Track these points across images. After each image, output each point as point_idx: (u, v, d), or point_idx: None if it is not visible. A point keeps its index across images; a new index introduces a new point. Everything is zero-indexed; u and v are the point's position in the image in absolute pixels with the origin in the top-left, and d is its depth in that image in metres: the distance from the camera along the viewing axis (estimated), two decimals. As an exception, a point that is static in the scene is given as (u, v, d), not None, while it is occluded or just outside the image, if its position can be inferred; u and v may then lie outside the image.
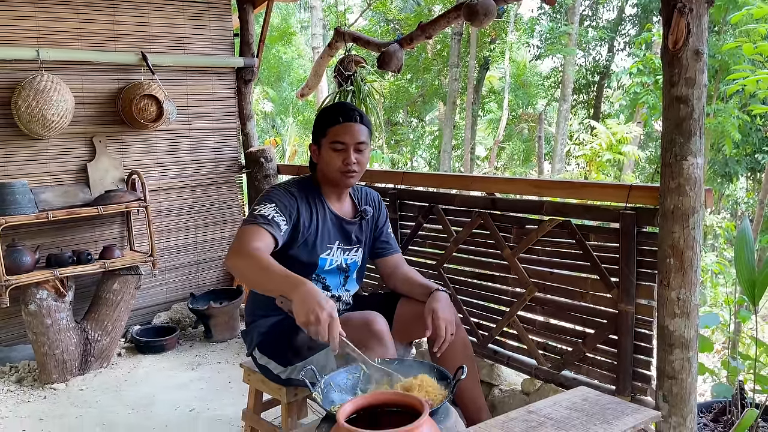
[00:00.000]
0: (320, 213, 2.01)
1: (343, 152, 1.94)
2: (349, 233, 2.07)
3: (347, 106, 2.04)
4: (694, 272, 1.80)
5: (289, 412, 2.12)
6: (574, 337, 2.27)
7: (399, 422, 1.00)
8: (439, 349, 1.85)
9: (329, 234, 2.02)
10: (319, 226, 1.99)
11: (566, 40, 12.87)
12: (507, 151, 17.45)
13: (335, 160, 1.94)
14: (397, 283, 2.13)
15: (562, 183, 2.56)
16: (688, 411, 1.85)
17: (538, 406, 1.43)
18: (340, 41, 3.63)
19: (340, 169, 1.95)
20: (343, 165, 1.94)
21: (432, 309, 1.86)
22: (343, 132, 1.94)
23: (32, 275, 2.92)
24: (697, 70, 1.73)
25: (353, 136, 1.94)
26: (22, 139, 3.20)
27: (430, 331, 1.85)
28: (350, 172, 1.96)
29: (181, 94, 3.74)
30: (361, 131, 1.97)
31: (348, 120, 1.95)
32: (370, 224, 2.15)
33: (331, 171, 1.97)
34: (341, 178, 1.97)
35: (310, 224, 1.97)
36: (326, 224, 2.01)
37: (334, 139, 1.94)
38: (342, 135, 1.94)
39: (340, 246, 2.05)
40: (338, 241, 2.04)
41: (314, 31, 11.93)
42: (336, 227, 2.04)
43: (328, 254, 2.02)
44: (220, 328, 3.58)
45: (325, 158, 1.97)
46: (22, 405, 2.82)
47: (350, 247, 2.08)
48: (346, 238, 2.06)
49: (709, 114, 7.91)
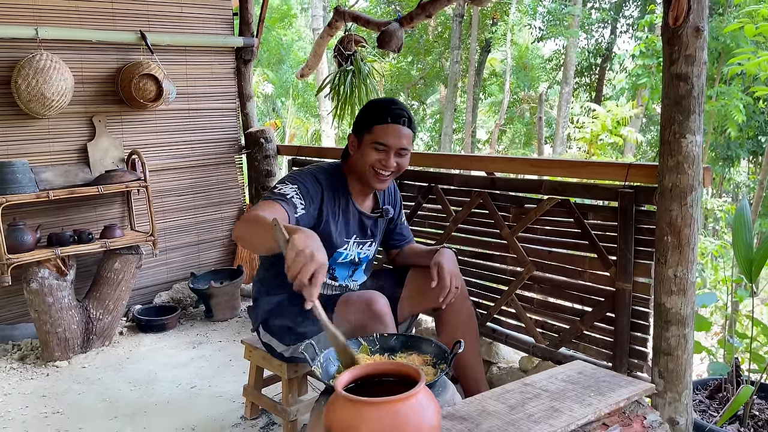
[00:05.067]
0: (343, 206, 1.98)
1: (383, 153, 1.90)
2: (366, 227, 2.06)
3: (399, 105, 1.96)
4: (691, 250, 1.81)
5: (290, 388, 2.15)
6: (571, 315, 2.29)
7: (396, 392, 1.02)
8: (444, 300, 1.88)
9: (349, 228, 2.00)
10: (340, 220, 1.97)
11: (569, 21, 12.77)
12: (508, 134, 17.40)
13: (373, 159, 1.91)
14: (406, 258, 2.19)
15: (561, 162, 2.56)
16: (684, 387, 1.87)
17: (534, 378, 1.45)
18: (340, 20, 3.61)
19: (375, 167, 1.91)
20: (379, 164, 1.91)
21: (437, 262, 1.90)
22: (389, 134, 1.89)
23: (34, 254, 2.94)
24: (698, 47, 1.72)
25: (398, 140, 1.90)
26: (23, 119, 3.20)
27: (435, 282, 1.87)
28: (384, 175, 1.93)
29: (181, 74, 3.73)
30: (406, 136, 1.92)
31: (396, 122, 1.90)
32: (386, 219, 2.15)
33: (366, 168, 1.93)
34: (373, 179, 1.94)
35: (332, 216, 1.94)
36: (347, 218, 2.00)
37: (378, 139, 1.90)
38: (387, 137, 1.89)
39: (357, 240, 2.04)
40: (355, 235, 2.03)
41: (314, 13, 11.82)
42: (356, 222, 2.03)
43: (345, 248, 2.01)
44: (221, 307, 3.60)
45: (364, 154, 1.93)
46: (25, 382, 2.85)
47: (365, 240, 2.08)
48: (362, 232, 2.05)
49: (711, 97, 7.86)
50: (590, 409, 1.28)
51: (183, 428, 2.39)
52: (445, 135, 13.65)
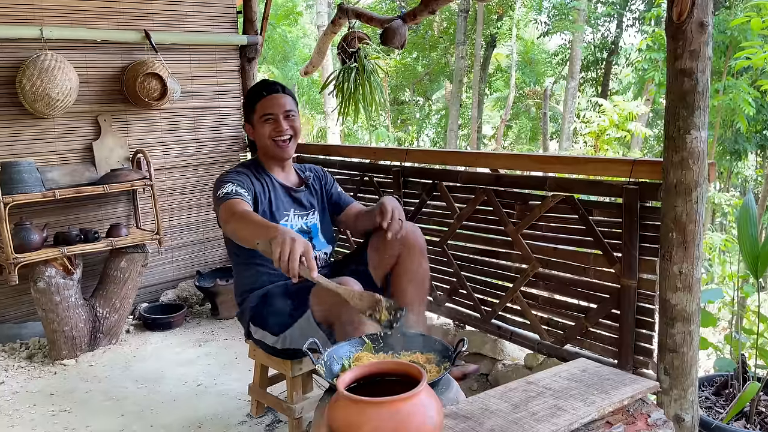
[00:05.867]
0: (269, 185, 2.16)
1: (274, 122, 2.10)
2: (300, 200, 2.22)
3: (268, 81, 2.21)
4: (696, 246, 1.80)
5: (295, 386, 2.15)
6: (576, 312, 2.28)
7: (398, 391, 1.02)
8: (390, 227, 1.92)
9: (282, 203, 2.17)
10: (272, 197, 2.14)
11: (575, 16, 12.70)
12: (514, 130, 17.35)
13: (268, 131, 2.11)
14: (357, 223, 2.26)
15: (565, 158, 2.55)
16: (689, 384, 1.87)
17: (537, 377, 1.45)
18: (344, 18, 3.60)
19: (272, 137, 2.11)
20: (274, 132, 2.10)
21: (380, 203, 1.99)
22: (270, 104, 2.11)
23: (40, 253, 2.96)
24: (702, 42, 1.71)
25: (280, 105, 2.11)
26: (28, 119, 3.21)
27: (380, 219, 1.94)
28: (284, 140, 2.12)
29: (185, 73, 3.74)
30: (287, 101, 2.13)
31: (271, 92, 2.12)
32: (319, 190, 2.30)
33: (267, 143, 2.12)
34: (275, 149, 2.13)
35: (264, 196, 2.12)
36: (277, 194, 2.16)
37: (263, 112, 2.11)
38: (269, 107, 2.10)
39: (296, 212, 2.19)
40: (293, 208, 2.20)
41: (319, 9, 11.81)
42: (287, 195, 2.20)
43: (286, 220, 2.15)
44: (227, 305, 3.61)
45: (259, 132, 2.13)
46: (33, 380, 2.87)
47: (305, 212, 2.23)
48: (298, 204, 2.21)
49: (719, 91, 7.80)
50: (594, 407, 1.27)
51: (189, 426, 2.40)
52: (450, 131, 13.60)
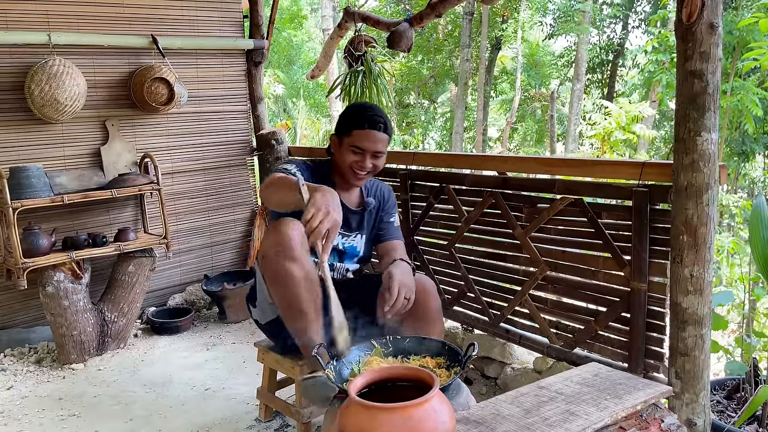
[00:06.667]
0: None
1: (360, 156, 2.05)
2: (348, 221, 2.16)
3: (376, 112, 2.10)
4: (707, 249, 1.79)
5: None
6: (586, 315, 2.26)
7: (410, 396, 1.01)
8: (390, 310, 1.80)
9: None
10: None
11: (580, 18, 12.68)
12: (520, 132, 17.31)
13: (351, 160, 2.06)
14: (381, 264, 2.22)
15: (574, 161, 2.54)
16: (701, 388, 1.85)
17: (549, 381, 1.44)
18: (350, 21, 3.61)
19: (353, 167, 2.06)
20: (356, 165, 2.06)
21: (390, 272, 1.90)
22: (365, 139, 2.04)
23: (49, 258, 2.96)
24: (712, 43, 1.70)
25: (374, 144, 2.05)
26: (36, 124, 3.23)
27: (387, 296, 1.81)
28: (361, 175, 2.08)
29: (192, 77, 3.75)
30: (382, 142, 2.07)
31: (373, 128, 2.04)
32: (374, 215, 2.24)
33: (345, 168, 2.08)
34: (351, 177, 2.09)
35: None
36: None
37: (355, 143, 2.04)
38: (363, 141, 2.04)
39: (340, 231, 2.12)
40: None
41: (324, 13, 11.84)
42: None
43: None
44: (234, 309, 3.61)
45: (342, 155, 2.08)
46: (42, 385, 2.88)
47: (349, 233, 2.18)
48: (346, 225, 2.15)
49: (726, 92, 7.76)
50: (606, 412, 1.26)
51: (198, 430, 2.40)
52: (456, 133, 13.59)
